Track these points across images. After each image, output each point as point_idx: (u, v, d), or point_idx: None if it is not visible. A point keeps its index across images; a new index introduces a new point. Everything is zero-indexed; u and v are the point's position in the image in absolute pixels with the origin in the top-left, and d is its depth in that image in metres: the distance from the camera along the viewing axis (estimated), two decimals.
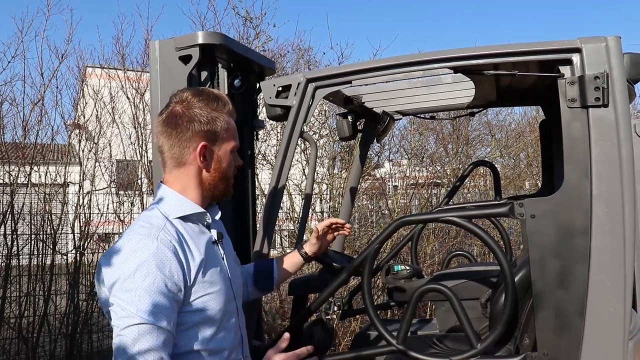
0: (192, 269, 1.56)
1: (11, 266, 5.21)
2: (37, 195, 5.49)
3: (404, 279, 3.20)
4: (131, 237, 1.54)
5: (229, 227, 2.68)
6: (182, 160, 1.67)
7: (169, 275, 1.49)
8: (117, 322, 1.46)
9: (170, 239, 1.54)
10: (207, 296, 1.58)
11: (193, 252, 1.59)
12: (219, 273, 1.66)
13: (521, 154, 8.85)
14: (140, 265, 1.47)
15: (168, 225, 1.59)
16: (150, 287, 1.45)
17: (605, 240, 1.92)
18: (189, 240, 1.61)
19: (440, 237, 7.03)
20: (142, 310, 1.43)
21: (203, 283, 1.58)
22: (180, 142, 1.65)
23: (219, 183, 1.72)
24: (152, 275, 1.46)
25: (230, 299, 1.69)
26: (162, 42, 2.50)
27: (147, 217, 1.62)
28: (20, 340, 5.18)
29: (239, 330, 1.75)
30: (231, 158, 1.74)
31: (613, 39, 1.95)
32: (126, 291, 1.45)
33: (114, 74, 6.17)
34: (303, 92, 2.29)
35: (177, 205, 1.65)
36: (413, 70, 2.23)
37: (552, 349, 2.00)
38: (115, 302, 1.47)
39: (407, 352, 2.11)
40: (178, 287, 1.51)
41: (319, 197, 6.62)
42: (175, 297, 1.51)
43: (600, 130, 1.92)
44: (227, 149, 1.71)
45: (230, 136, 1.72)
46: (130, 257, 1.48)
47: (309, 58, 7.11)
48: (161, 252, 1.50)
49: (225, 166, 1.72)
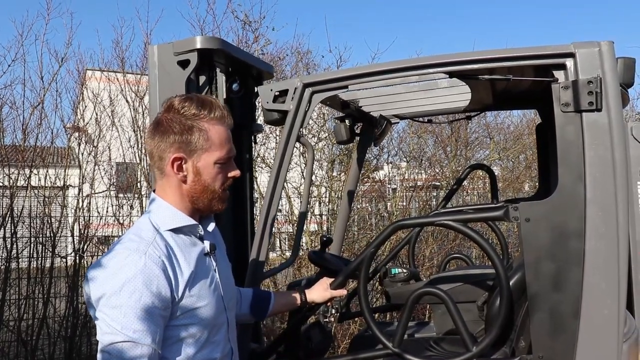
0: (180, 284, 1.55)
1: (11, 269, 5.22)
2: (37, 198, 5.49)
3: (401, 282, 3.21)
4: (120, 251, 1.52)
5: (227, 231, 2.70)
6: (163, 170, 1.64)
7: (156, 292, 1.47)
8: (102, 338, 1.46)
9: (159, 255, 1.52)
10: (195, 310, 1.57)
11: (182, 267, 1.57)
12: (209, 286, 1.64)
13: (520, 156, 8.87)
14: (127, 282, 1.45)
15: (158, 239, 1.56)
16: (136, 304, 1.44)
17: (599, 243, 1.94)
18: (179, 254, 1.59)
19: (439, 239, 7.03)
20: (126, 328, 1.43)
21: (191, 297, 1.56)
22: (159, 152, 1.62)
23: (201, 196, 1.64)
24: (138, 292, 1.45)
25: (220, 311, 1.67)
26: (161, 46, 2.52)
27: (138, 229, 1.60)
28: (19, 343, 5.19)
29: (228, 343, 1.72)
30: (216, 170, 1.64)
31: (606, 44, 1.97)
32: (112, 307, 1.45)
33: (113, 77, 6.17)
34: (300, 97, 2.31)
35: (169, 217, 1.62)
36: (409, 75, 2.25)
37: (547, 351, 2.02)
38: (101, 317, 1.46)
39: (403, 355, 2.12)
40: (165, 303, 1.50)
41: (317, 199, 6.64)
42: (162, 314, 1.50)
43: (594, 134, 1.94)
44: (210, 160, 1.62)
45: (214, 146, 1.62)
46: (117, 273, 1.47)
47: (307, 61, 7.12)
48: (149, 268, 1.48)
49: (206, 178, 1.63)
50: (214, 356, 1.64)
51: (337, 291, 2.26)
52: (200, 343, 1.60)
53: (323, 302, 2.28)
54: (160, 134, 1.61)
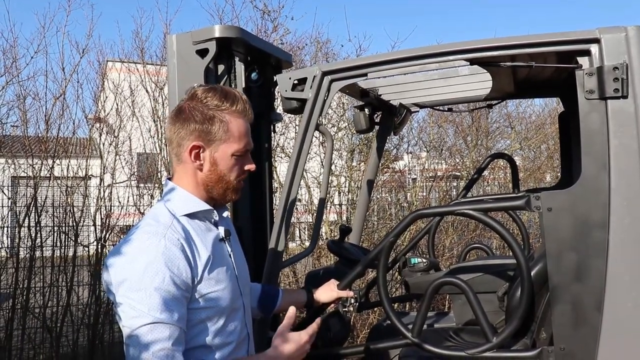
0: (199, 266, 1.56)
1: (35, 257, 5.31)
2: (60, 188, 5.57)
3: (421, 272, 3.19)
4: (138, 235, 1.54)
5: (246, 221, 2.71)
6: (180, 157, 1.66)
7: (178, 272, 1.49)
8: (129, 323, 1.45)
9: (177, 237, 1.54)
10: (213, 293, 1.58)
11: (200, 250, 1.59)
12: (226, 270, 1.65)
13: (542, 146, 8.75)
14: (149, 265, 1.46)
15: (175, 223, 1.58)
16: (160, 285, 1.45)
17: (623, 234, 1.90)
18: (196, 238, 1.60)
19: (459, 230, 6.99)
20: (153, 309, 1.44)
21: (209, 280, 1.58)
22: (178, 139, 1.64)
23: (216, 185, 1.66)
24: (161, 273, 1.46)
25: (236, 296, 1.69)
26: (179, 36, 2.52)
27: (154, 214, 1.62)
28: (44, 330, 5.29)
29: (245, 328, 1.74)
30: (233, 161, 1.66)
31: (633, 28, 1.91)
32: (136, 291, 1.45)
33: (133, 68, 6.22)
34: (319, 85, 2.30)
35: (184, 202, 1.64)
36: (429, 62, 2.21)
37: (569, 344, 1.99)
38: (125, 302, 1.46)
39: (422, 345, 2.11)
40: (186, 284, 1.51)
41: (337, 189, 6.63)
42: (184, 294, 1.51)
43: (619, 122, 1.90)
44: (228, 151, 1.64)
45: (233, 138, 1.64)
46: (138, 257, 1.48)
47: (327, 51, 7.09)
48: (169, 250, 1.49)
49: (222, 169, 1.65)
50: (230, 340, 1.65)
51: (344, 292, 2.27)
52: (218, 327, 1.61)
53: (330, 302, 2.29)
54: (181, 121, 1.63)
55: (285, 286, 5.91)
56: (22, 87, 5.68)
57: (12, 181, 5.79)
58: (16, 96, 5.70)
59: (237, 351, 1.68)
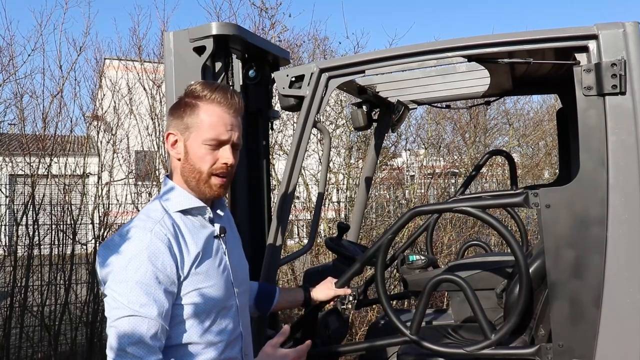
0: (186, 262, 1.56)
1: (33, 256, 5.30)
2: (57, 186, 5.56)
3: (419, 269, 3.19)
4: (127, 230, 1.56)
5: (244, 218, 2.71)
6: (168, 150, 1.70)
7: (162, 267, 1.49)
8: (109, 314, 1.48)
9: (165, 232, 1.54)
10: (201, 290, 1.57)
11: (189, 246, 1.58)
12: (217, 267, 1.64)
13: (540, 142, 8.75)
14: (133, 258, 1.48)
15: (166, 219, 1.58)
16: (141, 279, 1.46)
17: (622, 230, 1.90)
18: (186, 234, 1.60)
19: (458, 227, 6.99)
20: (132, 302, 1.45)
21: (197, 276, 1.57)
22: (165, 132, 1.70)
23: (190, 176, 1.64)
24: (143, 267, 1.47)
25: (229, 294, 1.67)
26: (176, 33, 2.51)
27: (147, 210, 1.63)
28: (42, 328, 5.28)
29: (237, 327, 1.71)
30: (203, 151, 1.62)
31: (631, 24, 1.91)
32: (118, 282, 1.47)
33: (131, 65, 6.20)
34: (316, 82, 2.29)
35: (177, 198, 1.65)
36: (426, 59, 2.21)
37: (568, 340, 1.99)
38: (109, 293, 1.49)
39: (420, 342, 2.11)
40: (171, 279, 1.51)
41: (335, 187, 6.62)
42: (168, 289, 1.51)
43: (617, 118, 1.90)
44: (198, 139, 1.61)
45: (203, 125, 1.61)
46: (124, 250, 1.50)
47: (325, 48, 7.08)
48: (154, 244, 1.50)
49: (193, 157, 1.63)
50: (220, 339, 1.63)
51: (342, 289, 2.26)
52: (206, 325, 1.60)
53: (327, 300, 2.28)
54: (167, 114, 1.71)
55: (283, 284, 5.91)
56: (20, 85, 5.69)
57: (10, 179, 5.77)
58: (13, 94, 5.69)
59: (228, 351, 1.65)
